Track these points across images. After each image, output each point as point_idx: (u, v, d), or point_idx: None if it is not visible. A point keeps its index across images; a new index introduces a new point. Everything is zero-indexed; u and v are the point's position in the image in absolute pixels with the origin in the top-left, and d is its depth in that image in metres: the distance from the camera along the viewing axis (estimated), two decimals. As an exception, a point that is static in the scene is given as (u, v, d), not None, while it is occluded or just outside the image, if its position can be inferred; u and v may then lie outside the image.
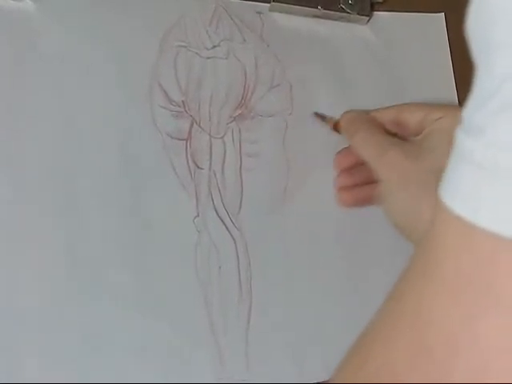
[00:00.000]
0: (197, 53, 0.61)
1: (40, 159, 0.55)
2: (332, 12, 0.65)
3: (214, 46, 0.62)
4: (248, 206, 0.58)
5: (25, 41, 0.58)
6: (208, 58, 0.62)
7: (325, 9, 0.64)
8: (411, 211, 0.50)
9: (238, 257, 0.57)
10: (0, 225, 0.53)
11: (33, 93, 0.57)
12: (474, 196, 0.28)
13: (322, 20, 0.65)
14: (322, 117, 0.61)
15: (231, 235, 0.57)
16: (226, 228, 0.57)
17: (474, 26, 0.29)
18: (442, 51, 0.67)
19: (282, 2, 0.64)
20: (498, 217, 0.27)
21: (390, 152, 0.53)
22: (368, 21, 0.66)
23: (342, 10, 0.64)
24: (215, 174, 0.59)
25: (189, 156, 0.59)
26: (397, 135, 0.57)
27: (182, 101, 0.60)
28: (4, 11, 0.58)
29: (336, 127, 0.59)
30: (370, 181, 0.57)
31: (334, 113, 0.61)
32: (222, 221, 0.57)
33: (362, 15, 0.65)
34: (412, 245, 0.49)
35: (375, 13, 0.66)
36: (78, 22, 0.60)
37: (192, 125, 0.60)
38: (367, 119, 0.57)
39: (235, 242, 0.57)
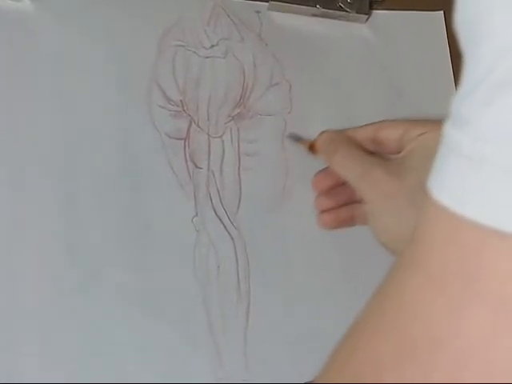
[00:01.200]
0: (195, 52, 0.61)
1: (39, 159, 0.56)
2: (331, 11, 0.65)
3: (213, 46, 0.62)
4: (246, 205, 0.58)
5: (23, 41, 0.58)
6: (206, 57, 0.62)
7: (323, 7, 0.64)
8: (397, 229, 0.50)
9: (236, 256, 0.57)
10: (0, 224, 0.53)
11: (32, 93, 0.57)
12: (461, 188, 0.28)
13: (321, 19, 0.65)
14: (296, 138, 0.60)
15: (230, 235, 0.57)
16: (225, 227, 0.57)
17: (462, 17, 0.29)
18: (441, 49, 0.67)
19: (280, 1, 0.64)
20: (484, 209, 0.27)
21: (372, 171, 0.52)
22: (367, 19, 0.66)
23: (341, 9, 0.64)
24: (214, 174, 0.59)
25: (187, 155, 0.59)
26: (375, 154, 0.56)
27: (181, 100, 0.60)
28: (2, 11, 0.58)
29: (312, 148, 0.58)
30: (351, 201, 0.56)
31: (334, 113, 0.61)
32: (221, 220, 0.57)
33: (361, 14, 0.65)
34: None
35: (374, 11, 0.66)
36: (77, 22, 0.60)
37: (190, 124, 0.60)
38: (345, 138, 0.56)
39: (234, 242, 0.57)
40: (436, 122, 0.52)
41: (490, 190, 0.27)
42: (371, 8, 0.66)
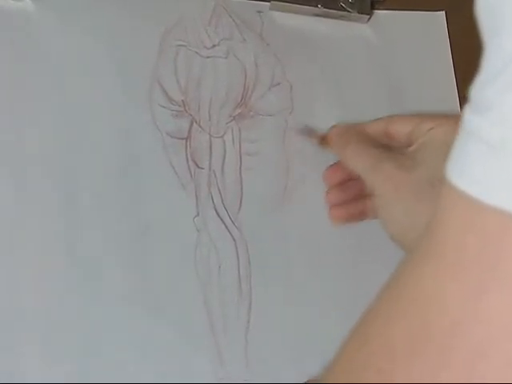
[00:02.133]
0: (196, 52, 0.61)
1: (40, 158, 0.56)
2: (332, 11, 0.64)
3: (214, 46, 0.62)
4: (248, 205, 0.58)
5: (25, 41, 0.58)
6: (208, 57, 0.62)
7: (325, 7, 0.64)
8: (407, 223, 0.50)
9: (237, 256, 0.57)
10: (0, 225, 0.53)
11: (33, 92, 0.57)
12: (481, 173, 0.28)
13: (322, 19, 0.65)
14: (307, 132, 0.60)
15: (231, 234, 0.57)
16: (226, 227, 0.57)
17: (483, 5, 0.29)
18: (442, 50, 0.67)
19: (281, 1, 0.64)
20: (504, 194, 0.27)
21: (383, 164, 0.52)
22: (368, 19, 0.66)
23: (342, 9, 0.64)
24: (215, 174, 0.59)
25: (189, 155, 0.59)
26: (387, 147, 0.55)
27: (182, 100, 0.60)
28: (4, 11, 0.58)
29: (323, 141, 0.58)
30: (362, 196, 0.56)
31: (336, 112, 0.61)
32: (222, 220, 0.57)
33: (363, 14, 0.65)
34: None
35: (375, 11, 0.66)
36: (78, 21, 0.60)
37: (192, 124, 0.60)
38: (357, 132, 0.56)
39: (235, 242, 0.57)
40: (446, 117, 0.52)
41: (509, 176, 0.27)
42: (373, 8, 0.66)
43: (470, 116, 0.29)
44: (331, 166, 0.58)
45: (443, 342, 0.29)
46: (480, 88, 0.29)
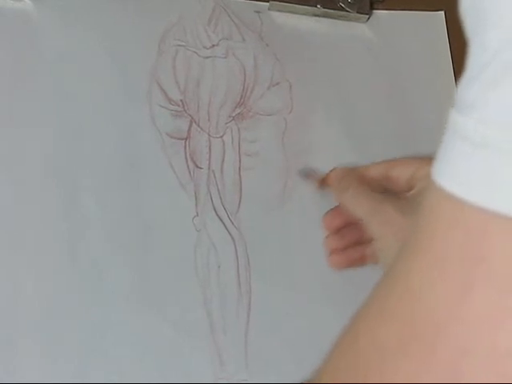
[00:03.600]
0: (196, 52, 0.61)
1: (40, 159, 0.56)
2: (331, 10, 0.65)
3: (213, 46, 0.62)
4: (247, 205, 0.58)
5: (24, 41, 0.58)
6: (207, 57, 0.62)
7: (324, 7, 0.64)
8: None
9: (237, 256, 0.57)
10: (1, 224, 0.53)
11: (32, 92, 0.57)
12: (465, 172, 0.28)
13: (322, 19, 0.65)
14: (307, 173, 0.59)
15: (230, 234, 0.57)
16: (225, 227, 0.57)
17: (467, 3, 0.29)
18: (441, 49, 0.67)
19: (281, 1, 0.64)
20: (488, 192, 0.27)
21: (384, 208, 0.52)
22: (367, 19, 0.66)
23: (342, 9, 0.64)
24: (214, 174, 0.59)
25: (188, 155, 0.59)
26: (387, 191, 0.55)
27: (181, 100, 0.60)
28: (3, 11, 0.58)
29: (323, 183, 0.57)
30: (361, 241, 0.55)
31: (335, 112, 0.61)
32: (221, 220, 0.57)
33: (362, 14, 0.65)
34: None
35: (374, 11, 0.66)
36: (77, 21, 0.60)
37: (191, 124, 0.60)
38: (357, 175, 0.55)
39: (234, 242, 0.57)
40: None
41: (493, 174, 0.27)
42: (372, 8, 0.66)
43: (456, 116, 0.29)
44: (330, 210, 0.57)
45: (428, 341, 0.29)
46: (464, 87, 0.29)
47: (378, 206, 0.52)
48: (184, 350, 0.54)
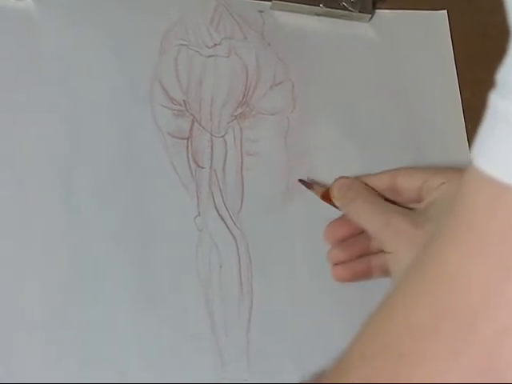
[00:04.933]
0: (198, 51, 0.61)
1: (41, 158, 0.56)
2: (334, 10, 0.64)
3: (215, 45, 0.62)
4: (249, 205, 0.58)
5: (26, 40, 0.58)
6: (209, 56, 0.61)
7: (326, 7, 0.64)
8: None
9: (238, 256, 0.57)
10: (1, 224, 0.53)
11: (34, 92, 0.57)
12: (508, 157, 0.28)
13: (324, 18, 0.65)
14: (310, 184, 0.58)
15: (232, 234, 0.57)
16: (227, 227, 0.57)
17: None
18: (444, 49, 0.66)
19: (283, 0, 0.64)
20: None
21: (394, 220, 0.50)
22: (370, 19, 0.66)
23: (344, 8, 0.64)
24: (216, 173, 0.58)
25: (190, 155, 0.59)
26: (394, 201, 0.54)
27: (183, 100, 0.60)
28: (5, 11, 0.58)
29: (326, 196, 0.56)
30: (366, 253, 0.54)
31: (338, 112, 0.61)
32: (223, 220, 0.57)
33: (364, 13, 0.65)
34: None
35: (377, 11, 0.66)
36: (79, 21, 0.60)
37: (193, 124, 0.59)
38: (363, 185, 0.54)
39: (236, 242, 0.57)
40: (455, 171, 0.50)
41: None
42: (374, 7, 0.66)
43: (497, 99, 0.29)
44: (333, 222, 0.56)
45: (467, 321, 0.29)
46: (506, 71, 0.29)
47: (389, 218, 0.51)
48: (185, 350, 0.53)
